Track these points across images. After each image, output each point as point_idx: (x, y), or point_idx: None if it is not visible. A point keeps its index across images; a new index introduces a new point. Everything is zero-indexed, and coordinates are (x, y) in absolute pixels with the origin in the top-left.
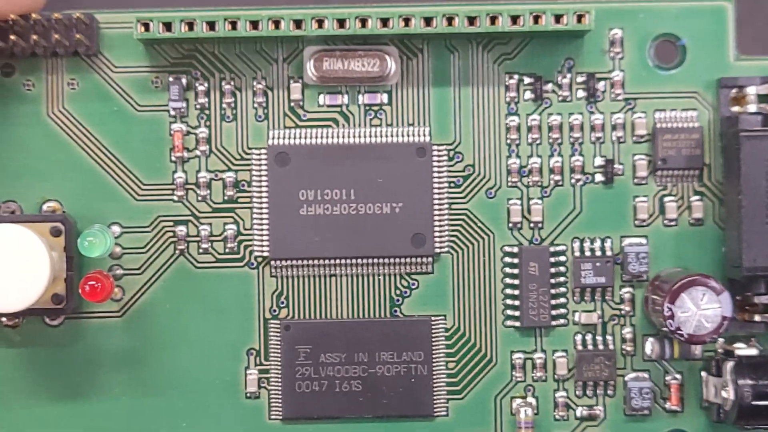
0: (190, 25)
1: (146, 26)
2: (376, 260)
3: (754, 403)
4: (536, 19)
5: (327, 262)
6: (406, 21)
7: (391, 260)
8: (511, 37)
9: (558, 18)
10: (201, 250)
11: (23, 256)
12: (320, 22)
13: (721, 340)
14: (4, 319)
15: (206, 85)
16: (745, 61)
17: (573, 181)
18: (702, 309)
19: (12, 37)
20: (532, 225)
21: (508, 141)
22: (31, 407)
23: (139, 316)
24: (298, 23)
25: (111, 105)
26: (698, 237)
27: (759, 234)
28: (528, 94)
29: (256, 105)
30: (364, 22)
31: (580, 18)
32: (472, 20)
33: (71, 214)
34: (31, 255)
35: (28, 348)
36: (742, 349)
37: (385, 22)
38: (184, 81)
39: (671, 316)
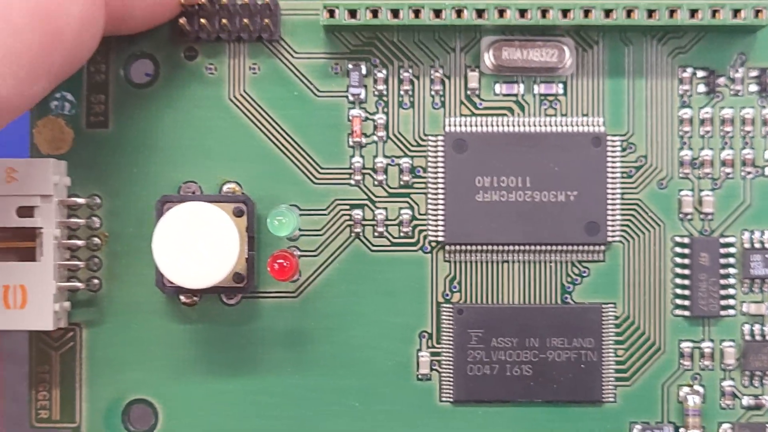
0: (375, 13)
1: (332, 13)
2: (549, 247)
3: None
4: (714, 13)
5: (501, 248)
6: (586, 12)
7: (565, 248)
8: (686, 31)
9: (736, 12)
10: (376, 234)
11: (214, 235)
12: (501, 12)
13: None
14: (182, 297)
15: (385, 72)
16: None
17: (743, 174)
18: None
19: (202, 20)
20: (702, 216)
21: (681, 133)
22: (205, 383)
23: (314, 297)
24: (480, 12)
25: (291, 90)
26: None
27: None
28: (701, 88)
29: (433, 93)
30: (545, 12)
31: (757, 13)
32: (651, 13)
33: (250, 195)
34: (222, 234)
35: (205, 325)
36: None
37: (565, 13)
38: (363, 68)
39: None
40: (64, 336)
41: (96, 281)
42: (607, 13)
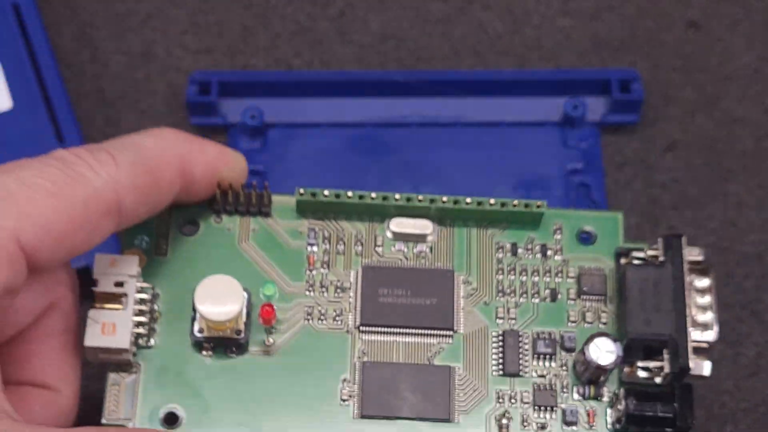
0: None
1: (301, 194)
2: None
3: (636, 413)
4: (514, 205)
5: (392, 329)
6: (443, 201)
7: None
8: (501, 221)
9: (526, 205)
10: (319, 321)
11: (229, 292)
12: (396, 200)
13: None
14: (203, 352)
15: (329, 233)
16: (628, 244)
17: (535, 300)
18: (605, 349)
19: (229, 198)
20: (504, 318)
21: (499, 272)
22: (213, 399)
23: (282, 353)
24: (384, 198)
25: (276, 241)
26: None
27: (637, 314)
28: (509, 255)
29: (355, 246)
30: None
31: (538, 206)
32: (479, 203)
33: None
34: (233, 293)
35: (216, 368)
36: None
37: (431, 201)
38: (316, 229)
39: (589, 353)
40: (131, 367)
41: (152, 338)
42: (455, 202)
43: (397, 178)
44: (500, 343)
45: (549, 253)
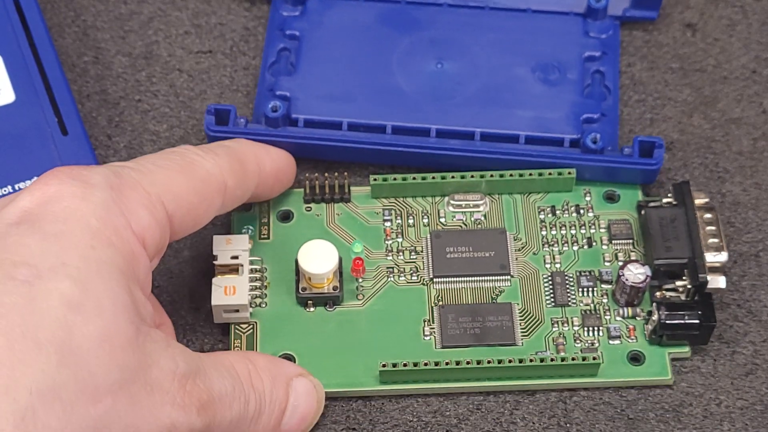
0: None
1: (375, 180)
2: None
3: (668, 321)
4: (549, 174)
5: (460, 278)
6: (491, 176)
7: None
8: (540, 192)
9: (559, 173)
10: (401, 277)
11: (326, 252)
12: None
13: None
14: (307, 309)
15: (400, 211)
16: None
17: (574, 248)
18: (637, 271)
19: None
20: (550, 263)
21: (542, 228)
22: (318, 342)
23: (372, 305)
24: (443, 177)
25: (357, 221)
26: None
27: (660, 244)
28: (550, 215)
29: (422, 219)
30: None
31: (569, 173)
32: (521, 174)
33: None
34: (330, 253)
35: (317, 320)
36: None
37: (481, 176)
38: (389, 208)
39: (624, 276)
40: (248, 327)
41: (265, 298)
42: (501, 175)
43: (423, 53)
44: (550, 282)
45: (582, 211)
